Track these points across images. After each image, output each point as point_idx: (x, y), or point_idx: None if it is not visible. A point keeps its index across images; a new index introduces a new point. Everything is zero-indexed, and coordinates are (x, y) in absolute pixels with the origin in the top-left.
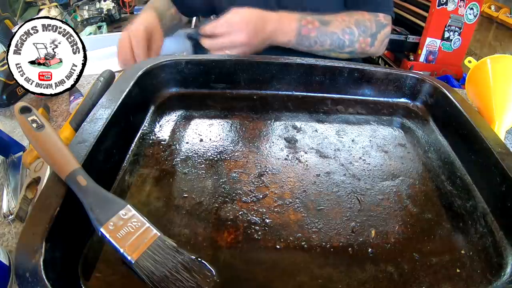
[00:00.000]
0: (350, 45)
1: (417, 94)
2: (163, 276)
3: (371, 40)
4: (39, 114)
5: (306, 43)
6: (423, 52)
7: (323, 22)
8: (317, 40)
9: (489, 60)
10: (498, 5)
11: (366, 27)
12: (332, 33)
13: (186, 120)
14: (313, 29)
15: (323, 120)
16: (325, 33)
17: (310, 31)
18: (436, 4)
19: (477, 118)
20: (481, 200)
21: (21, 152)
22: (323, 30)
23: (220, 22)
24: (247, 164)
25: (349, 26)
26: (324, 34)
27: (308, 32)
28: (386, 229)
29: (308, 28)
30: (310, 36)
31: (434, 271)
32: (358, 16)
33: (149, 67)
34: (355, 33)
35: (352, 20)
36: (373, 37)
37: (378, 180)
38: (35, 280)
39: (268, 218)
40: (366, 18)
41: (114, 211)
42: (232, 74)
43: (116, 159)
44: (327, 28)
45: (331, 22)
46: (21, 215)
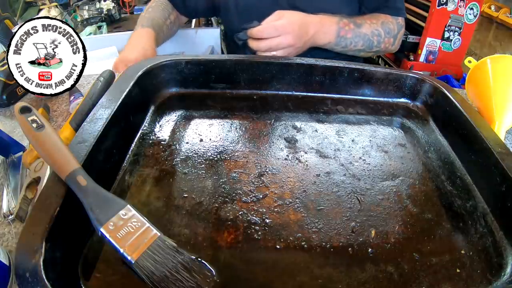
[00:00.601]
0: (377, 45)
1: (417, 94)
2: (163, 276)
3: (393, 40)
4: (39, 114)
5: (343, 44)
6: (423, 52)
7: (356, 24)
8: (352, 41)
9: (489, 60)
10: (498, 5)
11: (390, 29)
12: (364, 34)
13: (186, 120)
14: (349, 31)
15: (323, 120)
16: (359, 34)
17: (347, 33)
18: (436, 4)
19: (477, 118)
20: (481, 200)
21: (21, 152)
22: (357, 32)
23: (267, 26)
24: (247, 164)
25: (377, 28)
26: (358, 36)
27: (345, 34)
28: (386, 229)
29: (345, 30)
30: (347, 38)
31: (434, 271)
32: (383, 19)
33: (149, 67)
34: (381, 35)
35: (379, 23)
36: (395, 38)
37: (378, 180)
38: (35, 280)
39: (268, 218)
40: (389, 21)
41: (114, 211)
42: (232, 74)
43: (116, 159)
44: (360, 30)
45: (362, 24)
46: (21, 215)
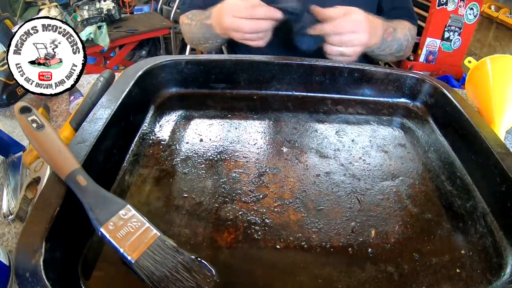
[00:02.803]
0: (404, 49)
1: (417, 94)
2: (163, 276)
3: (412, 45)
4: (39, 114)
5: (383, 47)
6: (423, 52)
7: (394, 28)
8: (389, 45)
9: (489, 60)
10: (498, 5)
11: (411, 35)
12: (399, 38)
13: (186, 120)
14: (390, 34)
15: (323, 120)
16: (395, 38)
17: (388, 36)
18: (436, 4)
19: (477, 118)
20: (481, 200)
21: (21, 152)
22: (395, 36)
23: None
24: (247, 164)
25: (406, 33)
26: (394, 40)
27: (387, 37)
28: (386, 229)
29: (387, 32)
30: (387, 41)
31: (434, 271)
32: (407, 25)
33: (149, 67)
34: (409, 40)
35: (406, 28)
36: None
37: (378, 180)
38: (35, 280)
39: (268, 218)
40: (411, 28)
41: (114, 211)
42: (232, 74)
43: (116, 159)
44: (396, 34)
45: (397, 28)
46: (21, 215)
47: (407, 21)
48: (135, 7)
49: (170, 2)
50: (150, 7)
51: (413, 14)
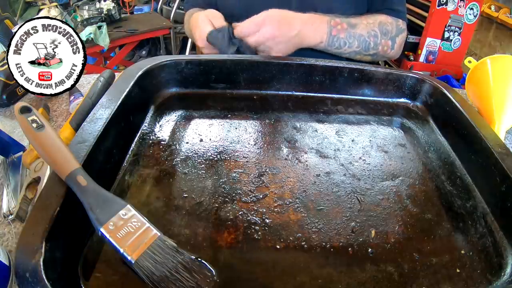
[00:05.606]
0: (374, 47)
1: (417, 94)
2: (163, 276)
3: (391, 43)
4: (39, 114)
5: (336, 44)
6: (423, 52)
7: (350, 24)
8: (346, 42)
9: (489, 60)
10: (498, 5)
11: (387, 30)
12: (359, 35)
13: (186, 120)
14: (342, 30)
15: (323, 120)
16: (353, 35)
17: (339, 32)
18: (436, 4)
19: (477, 118)
20: (481, 200)
21: (21, 152)
22: (351, 32)
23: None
24: (247, 164)
25: (373, 28)
26: (352, 36)
27: (338, 33)
28: (386, 229)
29: (337, 29)
30: (340, 38)
31: (434, 271)
32: (382, 18)
33: (149, 67)
34: (378, 35)
35: (376, 23)
36: (393, 40)
37: (378, 180)
38: (35, 280)
39: (268, 218)
40: (388, 22)
41: (114, 211)
42: (232, 74)
43: (116, 159)
44: (354, 30)
45: (357, 24)
46: (21, 215)
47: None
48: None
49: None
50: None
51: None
